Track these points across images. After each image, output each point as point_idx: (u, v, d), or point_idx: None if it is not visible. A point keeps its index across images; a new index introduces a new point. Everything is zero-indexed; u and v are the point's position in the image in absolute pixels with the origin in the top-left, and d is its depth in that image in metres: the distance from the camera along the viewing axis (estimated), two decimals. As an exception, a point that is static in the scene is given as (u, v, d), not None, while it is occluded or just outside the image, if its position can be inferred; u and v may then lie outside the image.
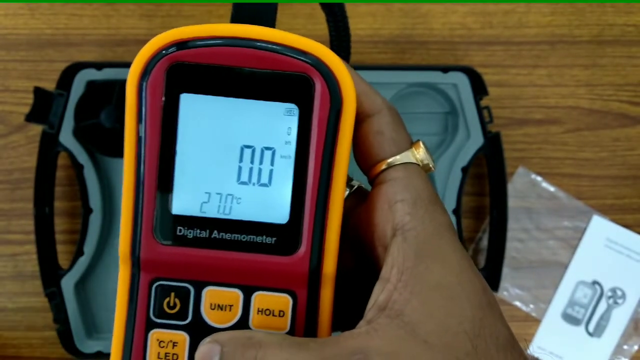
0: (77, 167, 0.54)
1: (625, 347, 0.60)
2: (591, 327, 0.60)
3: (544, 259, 0.61)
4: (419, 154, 0.27)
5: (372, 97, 0.27)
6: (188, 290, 0.26)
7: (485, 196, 0.60)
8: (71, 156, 0.54)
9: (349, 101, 0.26)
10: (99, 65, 0.54)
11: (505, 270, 0.59)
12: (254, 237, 0.26)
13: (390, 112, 0.27)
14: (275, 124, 0.26)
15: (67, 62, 0.55)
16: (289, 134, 0.26)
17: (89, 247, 0.55)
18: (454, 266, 0.25)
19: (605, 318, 0.60)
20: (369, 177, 0.28)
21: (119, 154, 0.54)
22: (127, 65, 0.56)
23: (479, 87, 0.56)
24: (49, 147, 0.54)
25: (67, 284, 0.54)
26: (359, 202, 0.29)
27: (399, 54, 0.61)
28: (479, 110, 0.56)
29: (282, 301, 0.26)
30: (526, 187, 0.61)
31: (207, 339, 0.25)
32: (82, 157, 0.54)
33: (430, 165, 0.27)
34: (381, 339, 0.23)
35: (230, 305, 0.26)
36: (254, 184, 0.26)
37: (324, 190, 0.26)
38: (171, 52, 0.25)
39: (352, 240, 0.29)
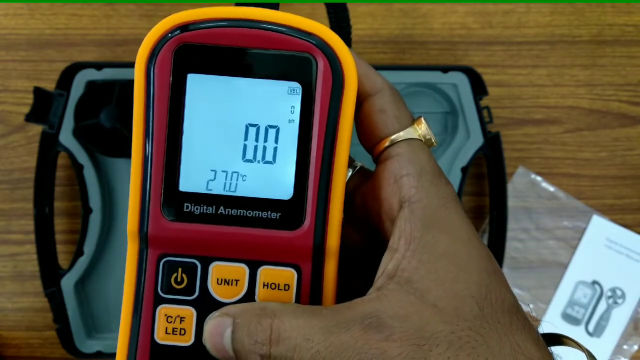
0: (77, 167, 0.54)
1: (625, 347, 0.60)
2: (591, 327, 0.60)
3: (544, 259, 0.61)
4: (421, 129, 0.28)
5: (373, 77, 0.28)
6: (195, 266, 0.27)
7: (485, 196, 0.60)
8: (71, 156, 0.54)
9: (350, 79, 0.26)
10: (98, 66, 0.54)
11: (505, 270, 0.59)
12: (259, 212, 0.26)
13: (391, 91, 0.28)
14: (279, 102, 0.26)
15: (67, 62, 0.55)
16: (292, 112, 0.26)
17: (89, 247, 0.55)
18: (460, 235, 0.26)
19: (605, 318, 0.60)
20: (373, 155, 0.28)
21: (119, 154, 0.54)
22: (127, 65, 0.56)
23: (478, 87, 0.56)
24: (49, 147, 0.54)
25: (67, 284, 0.54)
26: (363, 181, 0.29)
27: (399, 54, 0.61)
28: (479, 110, 0.56)
29: (287, 275, 0.27)
30: (526, 187, 0.61)
31: (216, 313, 0.26)
32: (82, 157, 0.54)
33: (433, 140, 0.28)
34: (392, 303, 0.24)
35: (237, 280, 0.27)
36: (258, 162, 0.27)
37: (327, 167, 0.26)
38: (178, 34, 0.26)
39: (360, 219, 0.29)
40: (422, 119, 0.28)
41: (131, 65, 0.26)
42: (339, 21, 0.39)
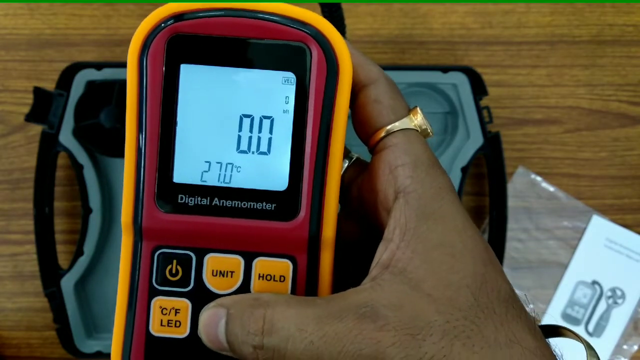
0: (77, 167, 0.54)
1: (625, 347, 0.60)
2: (591, 327, 0.60)
3: (544, 259, 0.61)
4: (417, 120, 0.28)
5: (368, 67, 0.28)
6: (190, 258, 0.27)
7: (484, 196, 0.60)
8: (71, 156, 0.54)
9: (345, 69, 0.26)
10: (98, 65, 0.54)
11: (505, 270, 0.59)
12: (254, 204, 0.26)
13: (387, 81, 0.28)
14: (273, 92, 0.26)
15: (66, 62, 0.55)
16: (287, 103, 0.26)
17: (89, 247, 0.55)
18: (455, 225, 0.25)
19: (604, 318, 0.60)
20: (369, 146, 0.28)
21: (119, 154, 0.54)
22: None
23: (478, 87, 0.56)
24: (48, 147, 0.54)
25: (67, 284, 0.54)
26: (360, 173, 0.29)
27: (399, 54, 0.61)
28: (479, 110, 0.56)
29: (283, 266, 0.27)
30: (526, 187, 0.61)
31: (211, 304, 0.26)
32: (82, 157, 0.54)
33: (429, 130, 0.28)
34: (386, 293, 0.24)
35: (232, 272, 0.27)
36: (253, 153, 0.26)
37: (322, 157, 0.26)
38: (171, 24, 0.26)
39: (356, 210, 0.29)
40: (418, 109, 0.28)
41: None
42: (334, 20, 0.39)
